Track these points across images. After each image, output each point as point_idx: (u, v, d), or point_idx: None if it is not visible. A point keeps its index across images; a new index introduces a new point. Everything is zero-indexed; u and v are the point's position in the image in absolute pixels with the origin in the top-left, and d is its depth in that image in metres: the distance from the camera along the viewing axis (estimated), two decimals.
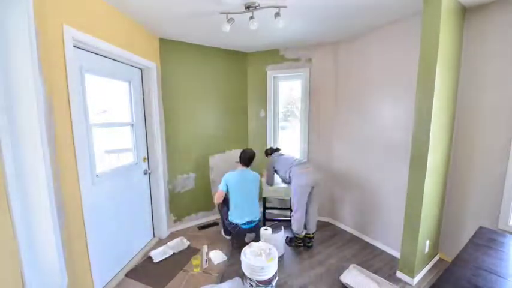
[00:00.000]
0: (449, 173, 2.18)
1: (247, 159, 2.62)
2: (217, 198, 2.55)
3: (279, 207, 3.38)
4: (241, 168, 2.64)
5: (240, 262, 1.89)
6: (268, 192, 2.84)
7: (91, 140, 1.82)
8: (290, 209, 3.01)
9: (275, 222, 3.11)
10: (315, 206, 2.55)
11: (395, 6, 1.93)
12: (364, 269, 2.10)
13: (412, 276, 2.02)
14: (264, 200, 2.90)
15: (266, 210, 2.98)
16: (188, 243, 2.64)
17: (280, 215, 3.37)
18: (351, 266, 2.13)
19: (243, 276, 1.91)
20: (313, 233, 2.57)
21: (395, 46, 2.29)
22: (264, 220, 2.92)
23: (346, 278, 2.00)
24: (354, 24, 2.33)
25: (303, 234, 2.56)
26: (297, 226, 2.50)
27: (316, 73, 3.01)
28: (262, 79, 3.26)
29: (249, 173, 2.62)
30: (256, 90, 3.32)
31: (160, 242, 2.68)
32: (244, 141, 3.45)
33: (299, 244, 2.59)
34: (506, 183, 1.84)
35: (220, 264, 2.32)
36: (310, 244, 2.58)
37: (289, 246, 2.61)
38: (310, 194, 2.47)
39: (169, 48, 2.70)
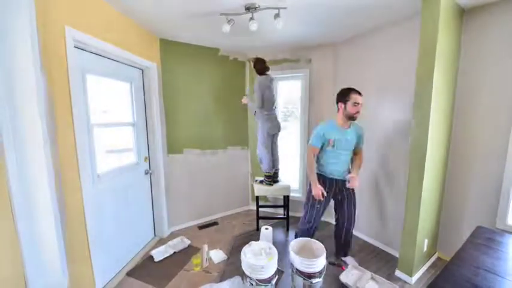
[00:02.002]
0: (447, 173, 2.19)
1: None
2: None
3: (272, 204, 3.39)
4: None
5: (240, 261, 1.90)
6: (260, 191, 2.85)
7: (92, 140, 1.83)
8: (283, 206, 3.02)
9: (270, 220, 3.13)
10: (277, 147, 2.91)
11: (395, 7, 1.94)
12: (364, 269, 2.11)
13: (411, 275, 2.03)
14: (256, 199, 2.88)
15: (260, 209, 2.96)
16: (189, 242, 2.65)
17: (274, 213, 3.40)
18: (351, 266, 2.14)
19: (243, 275, 1.92)
20: (278, 168, 2.94)
21: (394, 47, 2.30)
22: (258, 218, 2.92)
23: (345, 277, 2.02)
24: (354, 25, 2.34)
25: (273, 171, 2.84)
26: (268, 165, 2.79)
27: (315, 74, 3.02)
28: None
29: None
30: None
31: (161, 241, 2.70)
32: (245, 140, 3.46)
33: (269, 182, 2.82)
34: (504, 182, 1.85)
35: (221, 263, 2.34)
36: (276, 178, 2.92)
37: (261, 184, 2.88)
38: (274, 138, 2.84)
39: (170, 48, 2.71)
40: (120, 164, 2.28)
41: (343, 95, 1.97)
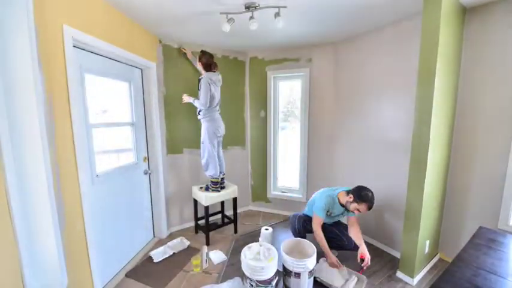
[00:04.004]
0: (449, 173, 2.18)
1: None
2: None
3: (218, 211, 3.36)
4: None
5: (240, 262, 1.89)
6: (210, 199, 2.60)
7: (91, 140, 1.82)
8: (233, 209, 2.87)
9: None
10: (221, 150, 2.74)
11: (396, 6, 1.93)
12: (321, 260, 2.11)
13: (412, 276, 2.02)
14: (206, 210, 2.64)
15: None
16: (188, 243, 2.64)
17: (275, 214, 3.36)
18: (321, 260, 2.13)
19: (243, 276, 1.91)
20: (224, 174, 2.76)
21: (395, 46, 2.28)
22: (208, 230, 2.69)
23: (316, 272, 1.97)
24: (354, 25, 2.33)
25: (220, 177, 2.67)
26: (215, 170, 2.58)
27: (316, 73, 3.01)
28: (262, 79, 3.26)
29: None
30: (256, 90, 3.33)
31: (160, 242, 2.69)
32: (244, 140, 3.45)
33: (216, 189, 2.64)
34: (506, 183, 1.84)
35: (220, 264, 2.32)
36: (223, 184, 2.76)
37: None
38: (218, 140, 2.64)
39: (170, 48, 2.69)
40: (119, 164, 2.27)
41: (359, 197, 1.98)
